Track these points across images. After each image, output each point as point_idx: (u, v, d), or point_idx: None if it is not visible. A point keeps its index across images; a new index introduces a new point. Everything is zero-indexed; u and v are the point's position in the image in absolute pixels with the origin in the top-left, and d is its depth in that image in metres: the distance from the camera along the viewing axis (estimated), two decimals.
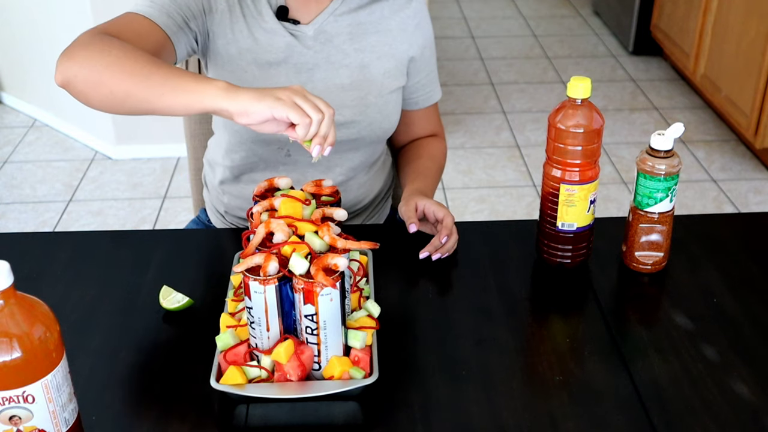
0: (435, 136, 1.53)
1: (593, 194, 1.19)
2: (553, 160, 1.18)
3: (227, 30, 1.31)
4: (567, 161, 1.16)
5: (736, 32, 3.17)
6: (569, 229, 1.20)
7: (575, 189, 1.17)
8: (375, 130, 1.38)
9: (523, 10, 4.97)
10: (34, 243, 1.37)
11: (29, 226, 2.85)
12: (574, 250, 1.22)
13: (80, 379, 1.04)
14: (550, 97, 3.78)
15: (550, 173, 1.18)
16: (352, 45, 1.35)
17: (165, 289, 1.16)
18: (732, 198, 2.99)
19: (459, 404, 0.99)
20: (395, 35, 1.38)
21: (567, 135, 1.15)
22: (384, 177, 1.51)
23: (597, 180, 1.19)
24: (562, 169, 1.17)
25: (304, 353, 1.00)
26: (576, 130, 1.14)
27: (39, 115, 3.54)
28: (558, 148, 1.16)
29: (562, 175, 1.17)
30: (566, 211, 1.19)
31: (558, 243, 1.22)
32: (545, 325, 1.14)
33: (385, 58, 1.37)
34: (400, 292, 1.20)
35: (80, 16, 2.98)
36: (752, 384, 1.03)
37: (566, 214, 1.19)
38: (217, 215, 1.52)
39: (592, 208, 1.20)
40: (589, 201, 1.19)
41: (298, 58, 1.33)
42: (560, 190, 1.18)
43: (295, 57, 1.33)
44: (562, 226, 1.20)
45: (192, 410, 0.99)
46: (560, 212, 1.19)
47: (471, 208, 2.95)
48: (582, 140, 1.14)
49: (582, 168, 1.16)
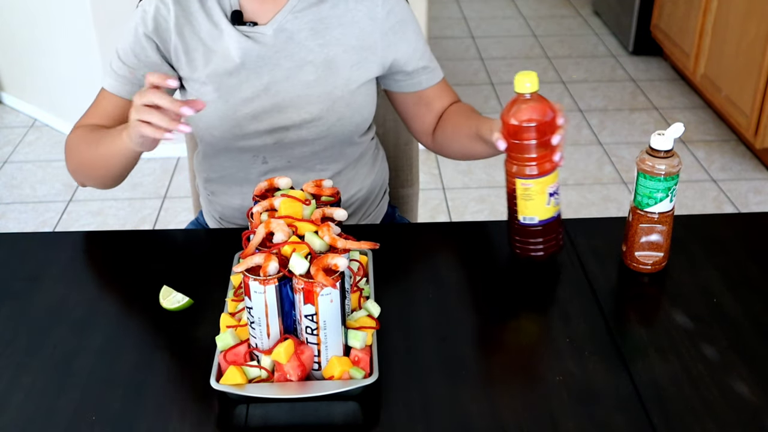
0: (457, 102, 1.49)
1: (551, 187, 1.18)
2: (511, 156, 1.18)
3: (182, 57, 1.33)
4: (524, 156, 1.16)
5: (736, 32, 3.17)
6: (531, 223, 1.20)
7: (530, 183, 1.17)
8: (345, 125, 1.37)
9: (523, 10, 4.97)
10: (34, 243, 1.37)
11: (29, 226, 2.85)
12: (544, 242, 1.22)
13: (80, 379, 1.04)
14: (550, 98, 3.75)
15: (511, 170, 1.18)
16: (315, 41, 1.33)
17: (165, 289, 1.16)
18: (732, 198, 2.99)
19: (459, 404, 1.00)
20: (363, 26, 1.35)
21: (520, 130, 1.15)
22: (376, 172, 1.50)
23: (555, 172, 1.18)
24: (518, 164, 1.17)
25: (304, 353, 1.00)
26: (528, 125, 1.14)
27: (39, 115, 3.54)
28: (514, 144, 1.16)
29: (519, 170, 1.17)
30: (525, 205, 1.19)
31: (525, 236, 1.22)
32: (545, 325, 1.13)
33: (352, 50, 1.34)
34: (400, 292, 1.20)
35: (80, 16, 2.98)
36: (752, 384, 1.03)
37: (525, 208, 1.19)
38: (213, 220, 1.52)
39: (552, 200, 1.19)
40: (548, 194, 1.18)
41: (256, 61, 1.32)
42: (516, 185, 1.18)
43: (253, 60, 1.32)
44: (524, 220, 1.20)
45: (192, 410, 0.99)
46: (519, 207, 1.20)
47: (471, 208, 2.95)
48: (535, 134, 1.14)
49: (539, 161, 1.16)
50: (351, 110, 1.36)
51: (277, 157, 1.38)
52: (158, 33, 1.32)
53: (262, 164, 1.38)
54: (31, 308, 1.17)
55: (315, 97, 1.33)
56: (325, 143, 1.37)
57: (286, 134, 1.35)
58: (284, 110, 1.34)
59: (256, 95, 1.32)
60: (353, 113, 1.36)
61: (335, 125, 1.36)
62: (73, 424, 0.98)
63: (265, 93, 1.33)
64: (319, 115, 1.34)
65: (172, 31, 1.32)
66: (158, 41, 1.33)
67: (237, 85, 1.32)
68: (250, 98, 1.32)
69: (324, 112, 1.34)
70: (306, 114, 1.33)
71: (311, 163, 1.39)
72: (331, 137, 1.37)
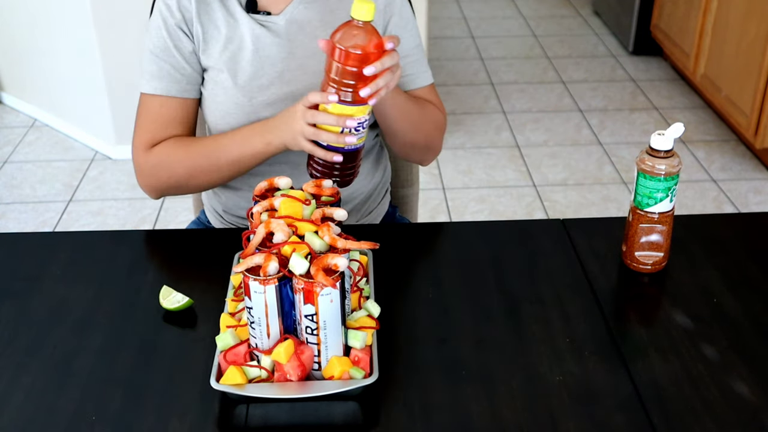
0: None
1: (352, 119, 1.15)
2: (329, 79, 1.15)
3: (202, 45, 1.35)
4: (334, 78, 1.14)
5: (736, 32, 3.17)
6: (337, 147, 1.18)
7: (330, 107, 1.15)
8: None
9: (523, 10, 4.97)
10: (34, 243, 1.37)
11: (29, 226, 2.85)
12: (341, 170, 1.21)
13: (80, 379, 1.04)
14: (550, 97, 3.78)
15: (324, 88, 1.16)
16: (325, 31, 1.33)
17: (165, 289, 1.16)
18: (732, 198, 2.99)
19: (459, 404, 1.00)
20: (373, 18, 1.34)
21: (340, 54, 1.12)
22: (379, 171, 1.50)
23: (362, 107, 1.15)
24: (330, 84, 1.14)
25: (304, 353, 1.00)
26: (354, 51, 1.11)
27: (39, 115, 3.54)
28: (330, 65, 1.14)
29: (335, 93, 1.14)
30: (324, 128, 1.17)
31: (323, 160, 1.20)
32: (545, 325, 1.14)
33: None
34: (400, 292, 1.20)
35: (80, 16, 2.98)
36: (752, 384, 1.03)
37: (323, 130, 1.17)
38: (215, 216, 1.52)
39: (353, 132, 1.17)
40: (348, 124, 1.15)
41: (270, 49, 1.34)
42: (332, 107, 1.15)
43: (267, 48, 1.34)
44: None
45: (192, 410, 0.99)
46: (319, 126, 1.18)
47: (471, 208, 2.95)
48: (358, 61, 1.12)
49: (345, 89, 1.14)
50: None
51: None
52: (186, 22, 1.34)
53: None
54: (31, 308, 1.17)
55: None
56: None
57: None
58: (298, 98, 1.34)
59: (271, 83, 1.34)
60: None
61: None
62: (73, 424, 0.98)
63: (280, 80, 1.35)
64: None
65: (195, 20, 1.34)
66: (187, 30, 1.34)
67: (252, 72, 1.34)
68: (266, 86, 1.34)
69: None
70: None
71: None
72: None
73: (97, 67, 3.04)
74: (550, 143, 3.38)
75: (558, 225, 1.35)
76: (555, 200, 2.99)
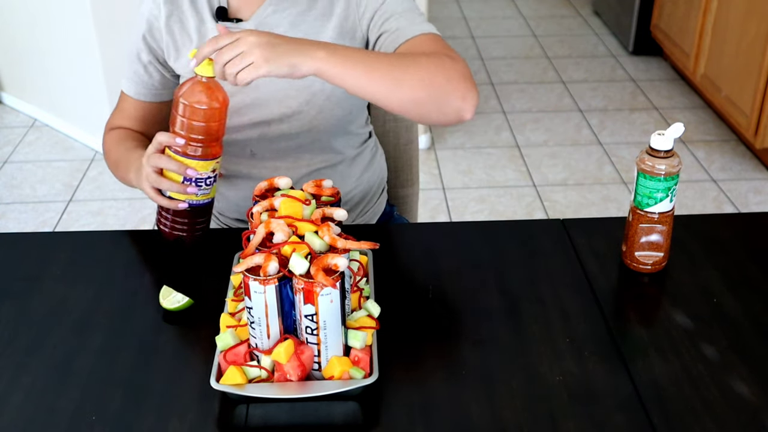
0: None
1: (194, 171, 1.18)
2: (175, 134, 1.17)
3: (173, 53, 1.37)
4: (190, 136, 1.17)
5: (736, 32, 3.17)
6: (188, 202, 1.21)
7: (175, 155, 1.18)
8: (327, 118, 1.36)
9: (523, 10, 4.97)
10: (34, 243, 1.37)
11: (29, 226, 2.85)
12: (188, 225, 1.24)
13: (80, 379, 1.04)
14: (550, 97, 3.78)
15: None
16: (294, 34, 1.31)
17: (165, 289, 1.16)
18: (732, 198, 2.99)
19: (459, 404, 1.00)
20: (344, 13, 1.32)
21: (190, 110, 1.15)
22: (373, 170, 1.50)
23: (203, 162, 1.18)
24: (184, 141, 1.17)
25: (304, 353, 1.00)
26: (199, 107, 1.15)
27: (39, 115, 3.54)
28: (174, 117, 1.17)
29: (183, 149, 1.17)
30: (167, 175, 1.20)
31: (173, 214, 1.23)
32: (545, 325, 1.13)
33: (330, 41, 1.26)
34: (400, 292, 1.20)
35: (80, 16, 2.98)
36: (752, 384, 1.03)
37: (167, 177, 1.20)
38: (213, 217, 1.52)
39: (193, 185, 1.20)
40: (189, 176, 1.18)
41: None
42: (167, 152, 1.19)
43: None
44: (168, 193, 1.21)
45: (192, 410, 0.99)
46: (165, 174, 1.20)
47: (471, 208, 2.95)
48: (203, 117, 1.15)
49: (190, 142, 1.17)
50: (331, 103, 1.35)
51: (264, 150, 1.39)
52: (152, 33, 1.37)
53: (250, 157, 1.40)
54: (31, 308, 1.17)
55: (294, 91, 1.34)
56: (310, 137, 1.38)
57: (268, 129, 1.37)
58: (265, 104, 1.35)
59: (238, 90, 1.32)
60: (334, 106, 1.36)
61: (316, 118, 1.36)
62: (73, 424, 0.98)
63: (246, 87, 1.32)
64: (298, 109, 1.34)
65: (163, 30, 1.36)
66: (152, 42, 1.38)
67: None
68: (232, 93, 1.32)
69: (303, 106, 1.34)
70: (286, 108, 1.34)
71: (298, 154, 1.40)
72: (314, 131, 1.37)
73: (97, 67, 3.04)
74: (550, 143, 3.38)
75: (558, 225, 1.35)
76: (555, 200, 2.99)
